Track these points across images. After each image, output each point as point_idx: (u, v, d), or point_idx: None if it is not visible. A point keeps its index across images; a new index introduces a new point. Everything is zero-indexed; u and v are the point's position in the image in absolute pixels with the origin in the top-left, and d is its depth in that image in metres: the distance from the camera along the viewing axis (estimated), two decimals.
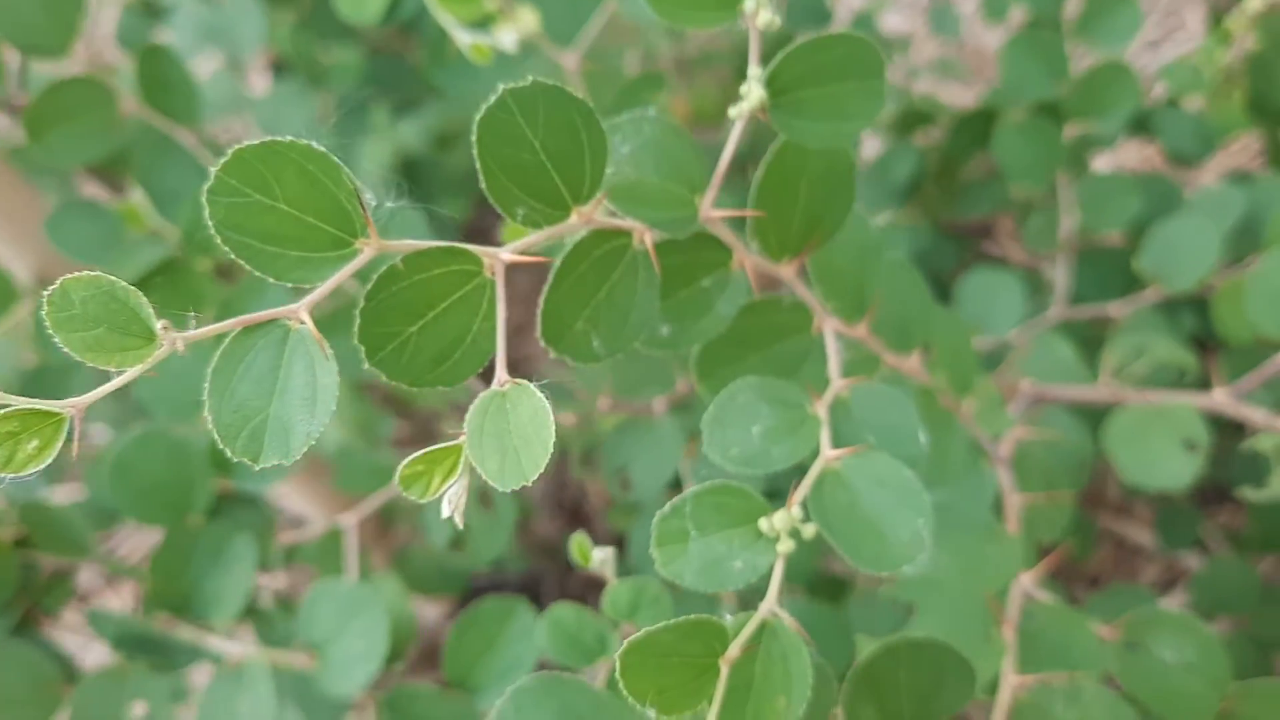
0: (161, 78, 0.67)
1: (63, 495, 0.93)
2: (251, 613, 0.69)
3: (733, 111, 0.41)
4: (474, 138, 0.35)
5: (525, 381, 0.33)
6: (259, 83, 1.52)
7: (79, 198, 0.83)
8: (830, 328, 0.52)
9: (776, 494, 0.46)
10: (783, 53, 0.41)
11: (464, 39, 0.62)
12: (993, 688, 0.54)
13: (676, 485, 0.78)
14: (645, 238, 0.41)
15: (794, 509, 0.41)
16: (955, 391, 0.63)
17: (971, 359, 0.64)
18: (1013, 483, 0.65)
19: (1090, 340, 0.85)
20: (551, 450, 0.32)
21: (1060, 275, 0.87)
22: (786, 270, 0.49)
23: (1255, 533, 0.90)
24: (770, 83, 0.41)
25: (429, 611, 1.28)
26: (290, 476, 0.84)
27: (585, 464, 0.81)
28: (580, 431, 0.77)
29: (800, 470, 0.45)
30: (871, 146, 1.25)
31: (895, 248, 0.96)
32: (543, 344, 0.39)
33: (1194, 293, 0.84)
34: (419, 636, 1.26)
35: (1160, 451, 0.66)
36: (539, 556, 1.37)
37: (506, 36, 0.62)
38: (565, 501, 1.44)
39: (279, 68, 1.40)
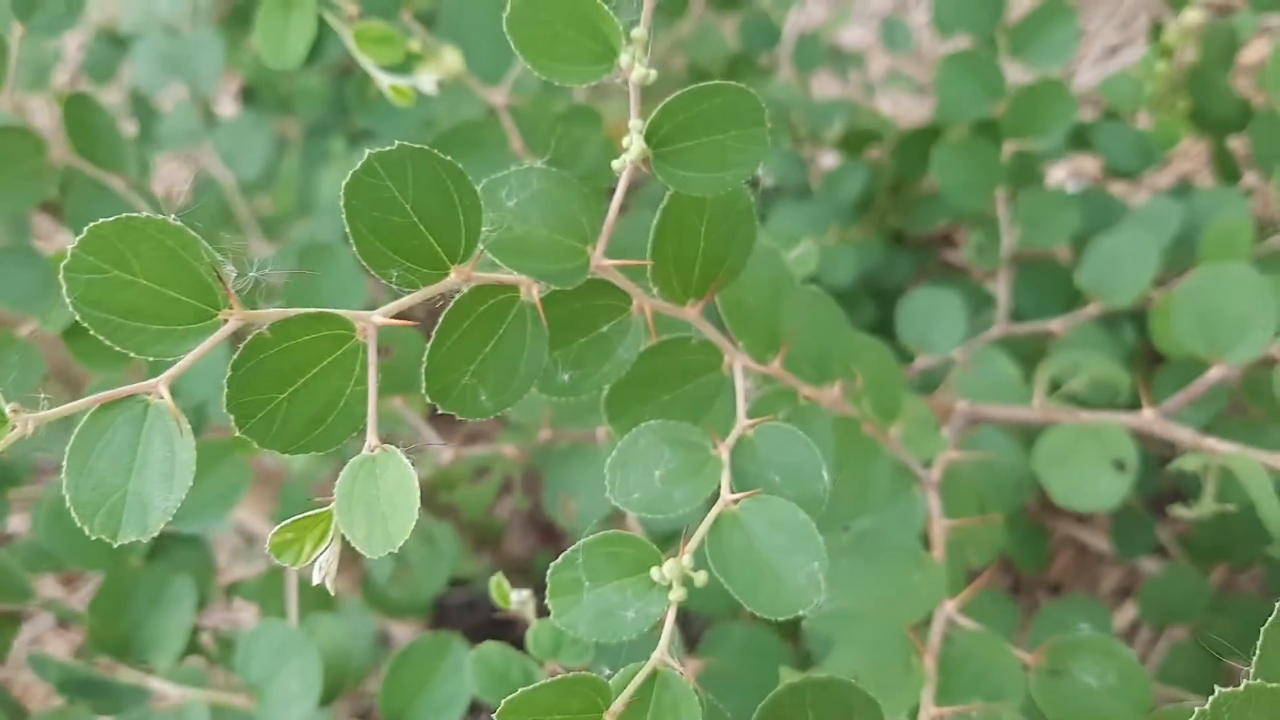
0: (88, 125, 0.67)
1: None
2: (193, 652, 0.69)
3: (615, 165, 0.42)
4: (341, 203, 0.35)
5: (392, 447, 0.34)
6: (230, 110, 1.52)
7: (24, 243, 0.83)
8: (740, 365, 0.53)
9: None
10: (662, 105, 0.41)
11: (384, 81, 0.63)
12: (914, 718, 0.55)
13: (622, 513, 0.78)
14: (533, 291, 0.42)
15: (685, 557, 0.42)
16: (881, 418, 0.64)
17: (897, 385, 0.65)
18: (941, 507, 0.66)
19: (1034, 357, 0.85)
20: (416, 516, 0.33)
21: (1002, 291, 0.87)
22: (691, 312, 0.50)
23: (1203, 541, 0.91)
24: (651, 134, 0.41)
25: (402, 633, 1.29)
26: None
27: (526, 493, 0.81)
28: (520, 460, 0.77)
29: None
30: (831, 161, 1.26)
31: (845, 266, 0.97)
32: (428, 399, 0.40)
33: (1136, 307, 0.85)
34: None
35: (1089, 472, 0.66)
36: (511, 575, 1.38)
37: (426, 79, 0.63)
38: (538, 519, 1.44)
39: (248, 94, 1.41)
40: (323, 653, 0.64)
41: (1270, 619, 0.35)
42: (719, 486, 0.46)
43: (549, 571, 0.42)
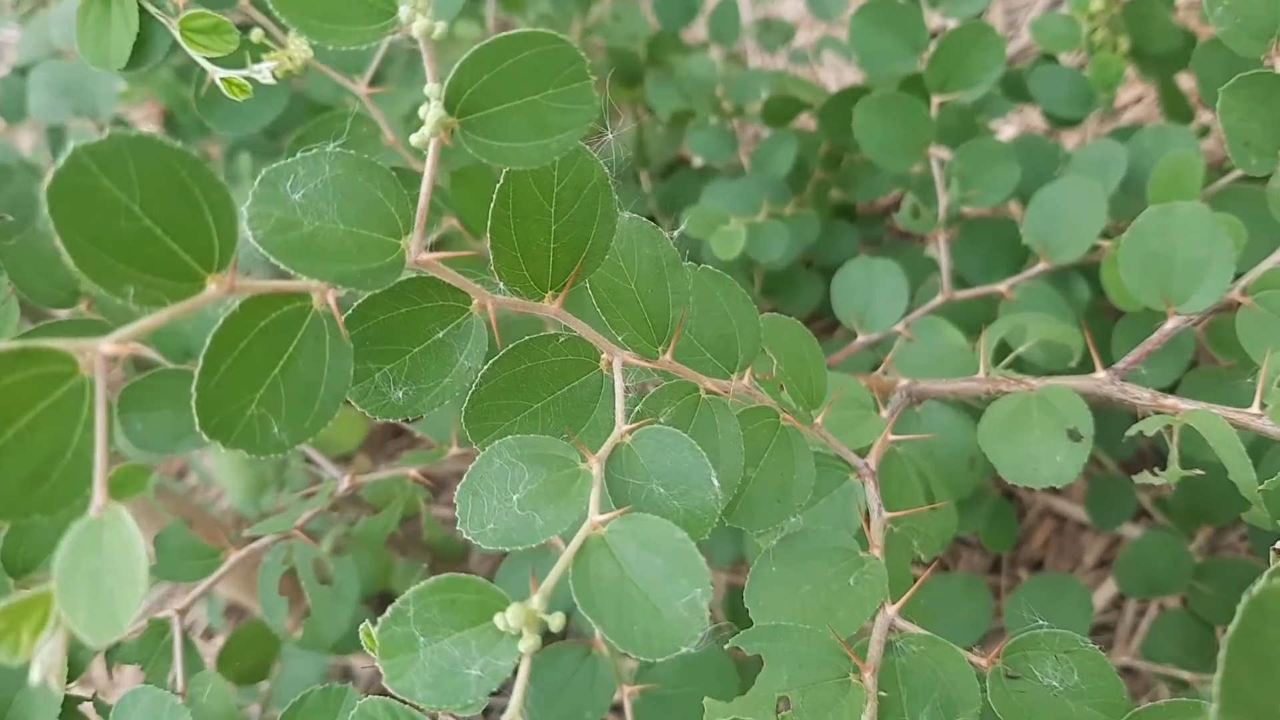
0: None
1: None
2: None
3: (414, 139, 0.35)
4: (47, 209, 0.29)
5: (119, 506, 0.27)
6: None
7: None
8: (620, 362, 0.46)
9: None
10: (459, 63, 0.34)
11: (216, 74, 0.56)
12: None
13: None
14: (328, 298, 0.35)
15: (536, 598, 0.35)
16: (803, 406, 0.57)
17: (819, 367, 0.58)
18: (881, 499, 0.59)
19: (986, 324, 0.79)
20: (145, 589, 0.26)
21: (943, 256, 0.81)
22: (550, 306, 0.43)
23: (1181, 504, 0.85)
24: (453, 100, 0.35)
25: (360, 663, 1.22)
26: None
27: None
28: (425, 483, 0.70)
29: None
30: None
31: (776, 245, 0.90)
32: (204, 437, 0.33)
33: (1087, 260, 0.79)
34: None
35: (1041, 445, 0.60)
36: None
37: (262, 69, 0.56)
38: None
39: (169, 121, 1.34)
40: (207, 716, 0.57)
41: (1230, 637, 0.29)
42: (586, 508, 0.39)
43: (377, 628, 0.35)
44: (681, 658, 0.66)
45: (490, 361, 0.44)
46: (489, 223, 0.40)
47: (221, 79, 0.56)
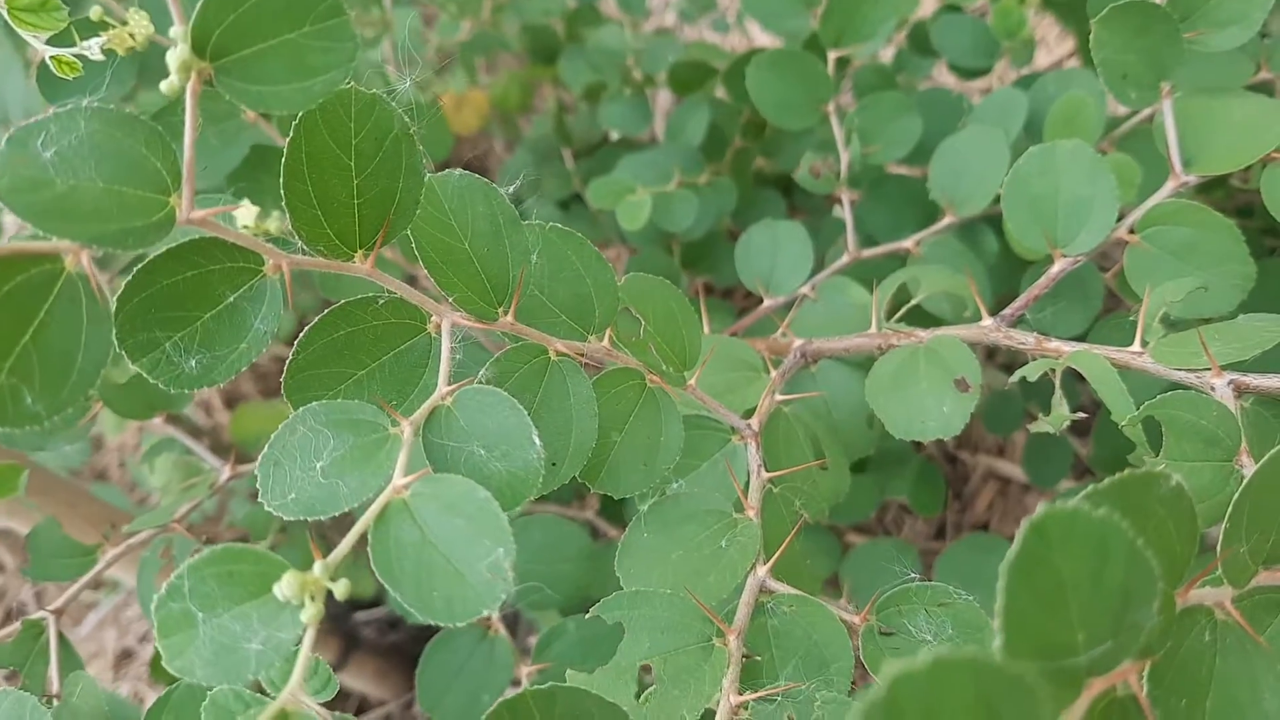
0: None
1: None
2: None
3: (163, 86, 0.33)
4: None
5: None
6: None
7: None
8: (449, 324, 0.44)
9: None
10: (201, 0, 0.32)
11: (47, 53, 0.54)
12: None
13: None
14: (82, 259, 0.33)
15: (317, 567, 0.33)
16: (675, 367, 0.55)
17: (692, 327, 0.56)
18: (763, 459, 0.57)
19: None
20: None
21: (847, 214, 0.79)
22: (361, 266, 0.41)
23: (1104, 455, 0.83)
24: (200, 41, 0.33)
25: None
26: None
27: None
28: None
29: None
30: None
31: (685, 214, 0.88)
32: None
33: (995, 211, 0.77)
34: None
35: (928, 397, 0.58)
36: None
37: (91, 46, 0.54)
38: None
39: None
40: (77, 715, 0.55)
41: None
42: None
43: (154, 607, 0.33)
44: (579, 633, 0.65)
45: (306, 328, 0.42)
46: (281, 178, 0.38)
47: (51, 58, 0.54)
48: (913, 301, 0.67)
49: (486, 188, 0.47)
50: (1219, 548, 0.36)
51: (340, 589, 0.33)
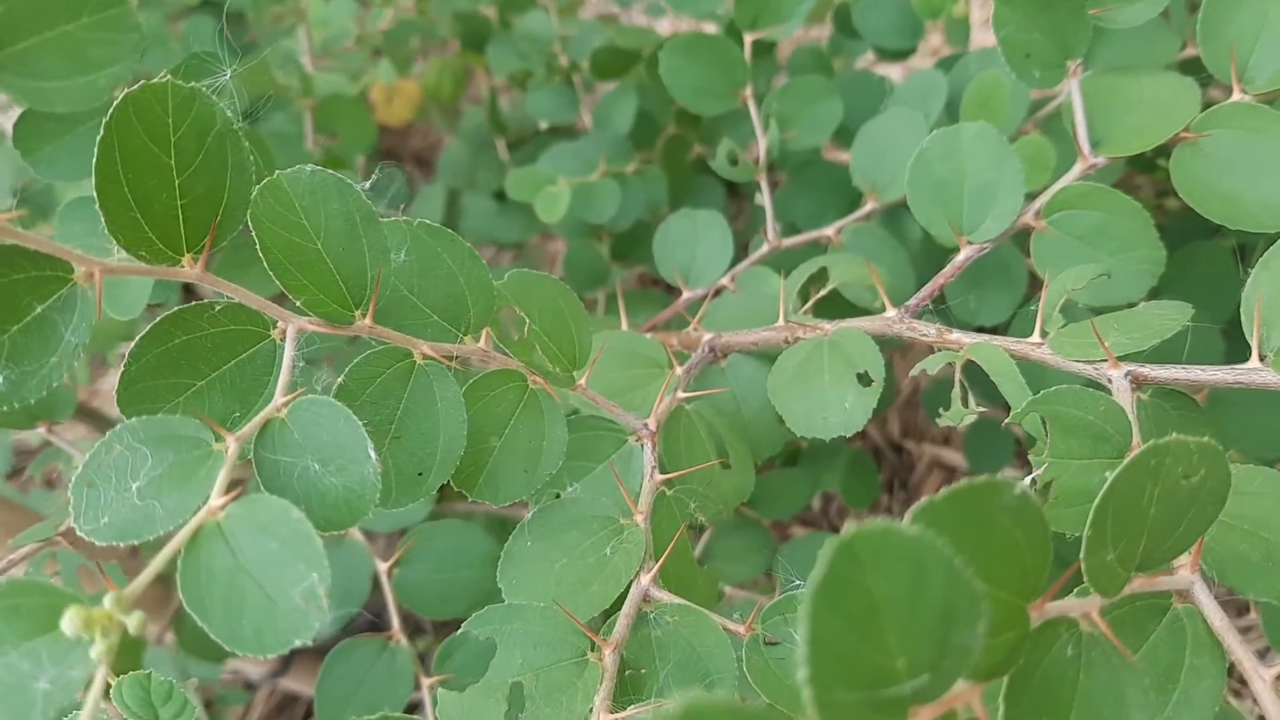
0: None
1: None
2: None
3: None
4: None
5: None
6: None
7: None
8: (294, 330, 0.42)
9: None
10: None
11: None
12: None
13: None
14: None
15: (107, 600, 0.31)
16: (562, 367, 0.53)
17: (581, 325, 0.54)
18: (660, 461, 0.55)
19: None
20: None
21: (767, 202, 0.77)
22: (191, 271, 0.39)
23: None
24: None
25: (254, 670, 1.18)
26: None
27: None
28: None
29: None
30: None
31: (608, 204, 0.86)
32: None
33: None
34: (252, 695, 1.15)
35: (830, 391, 0.56)
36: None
37: None
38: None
39: None
40: None
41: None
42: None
43: None
44: (479, 646, 0.63)
45: (139, 336, 0.40)
46: (93, 180, 0.36)
47: None
48: (821, 293, 0.64)
49: (341, 184, 0.44)
50: (1082, 556, 0.34)
51: (134, 623, 0.31)
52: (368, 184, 0.45)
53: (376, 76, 1.10)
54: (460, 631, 0.62)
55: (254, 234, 0.42)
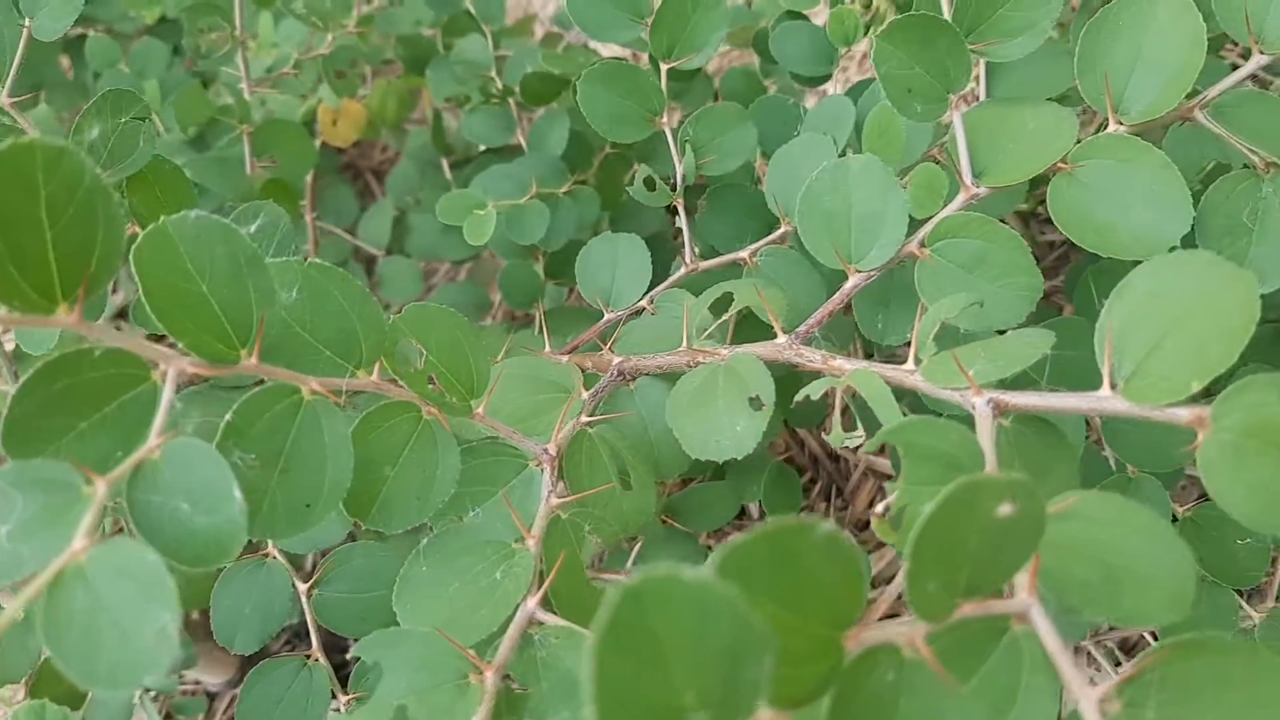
0: None
1: None
2: None
3: None
4: None
5: None
6: None
7: None
8: (175, 371, 0.43)
9: None
10: None
11: None
12: None
13: None
14: None
15: None
16: (460, 397, 0.55)
17: (479, 355, 0.56)
18: (560, 484, 0.57)
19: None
20: None
21: (684, 226, 0.79)
22: (66, 318, 0.40)
23: None
24: None
25: (212, 680, 1.20)
26: None
27: None
28: None
29: None
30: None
31: (537, 226, 0.88)
32: None
33: None
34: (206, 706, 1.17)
35: (723, 415, 0.58)
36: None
37: None
38: None
39: None
40: None
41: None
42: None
43: None
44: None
45: (23, 380, 0.42)
46: None
47: None
48: (725, 317, 0.66)
49: (226, 229, 0.46)
50: (905, 586, 0.36)
51: None
52: (252, 227, 0.47)
53: (320, 99, 1.11)
54: None
55: (137, 279, 0.43)
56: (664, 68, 0.78)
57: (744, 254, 0.77)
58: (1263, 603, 0.75)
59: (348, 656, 0.89)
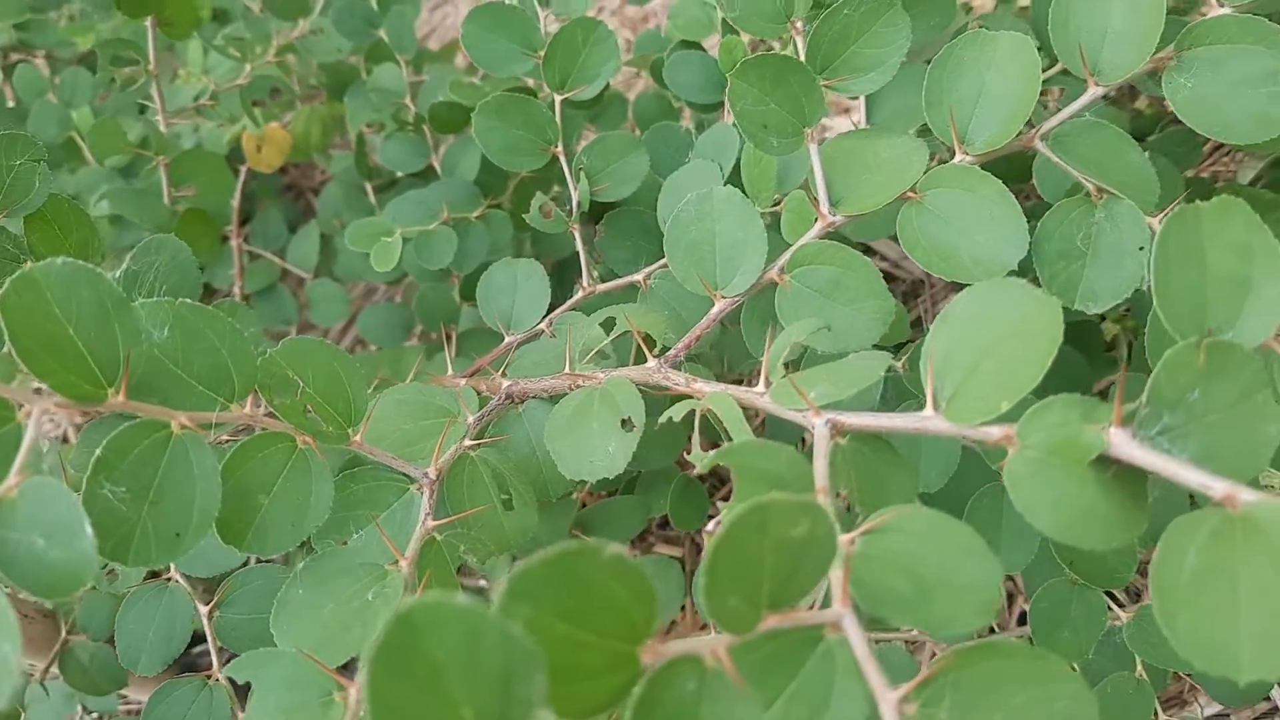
0: None
1: None
2: None
3: None
4: None
5: None
6: None
7: None
8: (40, 411, 0.46)
9: None
10: None
11: None
12: None
13: None
14: None
15: None
16: (337, 425, 0.58)
17: (356, 384, 0.59)
18: (439, 506, 0.60)
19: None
20: None
21: (580, 250, 0.82)
22: None
23: None
24: None
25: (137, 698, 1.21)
26: None
27: None
28: None
29: None
30: None
31: (444, 251, 0.90)
32: None
33: None
34: None
35: (596, 438, 0.61)
36: None
37: None
38: None
39: None
40: None
41: None
42: None
43: None
44: None
45: None
46: None
47: None
48: (607, 340, 0.69)
49: (91, 274, 0.49)
50: (703, 602, 0.39)
51: None
52: (118, 272, 0.50)
53: (244, 126, 1.13)
54: None
55: (3, 324, 0.46)
56: (558, 99, 0.81)
57: (639, 276, 0.80)
58: (1135, 604, 0.79)
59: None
